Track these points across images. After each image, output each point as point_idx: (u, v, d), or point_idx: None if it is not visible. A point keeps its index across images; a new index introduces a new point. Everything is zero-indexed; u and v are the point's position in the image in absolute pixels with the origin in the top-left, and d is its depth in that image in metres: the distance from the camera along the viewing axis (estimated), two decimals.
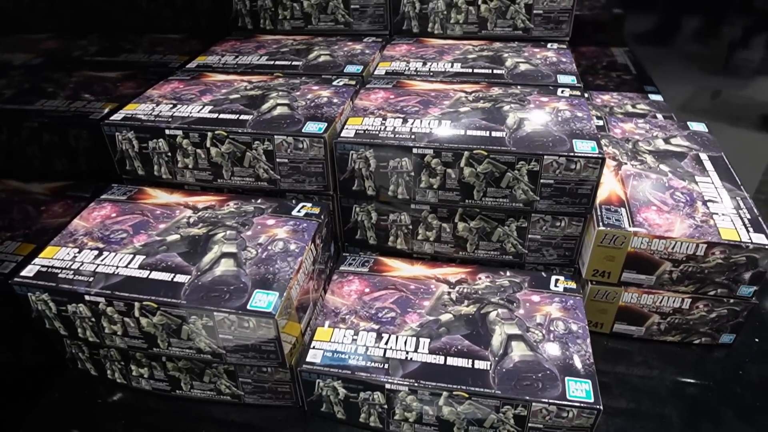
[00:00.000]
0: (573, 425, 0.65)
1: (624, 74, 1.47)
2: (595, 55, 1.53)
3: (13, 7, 0.77)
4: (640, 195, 0.81)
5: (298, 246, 0.73)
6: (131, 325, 0.69)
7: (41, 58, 0.85)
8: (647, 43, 1.44)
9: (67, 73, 0.89)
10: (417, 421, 0.69)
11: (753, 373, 0.79)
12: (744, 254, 0.73)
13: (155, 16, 1.07)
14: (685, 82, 1.42)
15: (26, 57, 0.83)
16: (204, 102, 0.88)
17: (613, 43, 1.50)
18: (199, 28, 1.16)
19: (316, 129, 0.78)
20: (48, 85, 0.85)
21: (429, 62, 1.00)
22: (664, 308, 0.80)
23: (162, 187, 0.86)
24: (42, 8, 0.83)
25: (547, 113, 0.82)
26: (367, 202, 0.83)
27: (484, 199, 0.78)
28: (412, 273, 0.82)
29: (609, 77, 1.46)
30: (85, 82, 0.91)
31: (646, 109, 1.25)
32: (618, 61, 1.52)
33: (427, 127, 0.79)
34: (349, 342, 0.71)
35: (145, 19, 1.05)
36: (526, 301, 0.77)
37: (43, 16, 0.83)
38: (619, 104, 1.28)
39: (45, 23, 0.84)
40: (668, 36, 1.41)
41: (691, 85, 1.41)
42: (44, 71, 0.85)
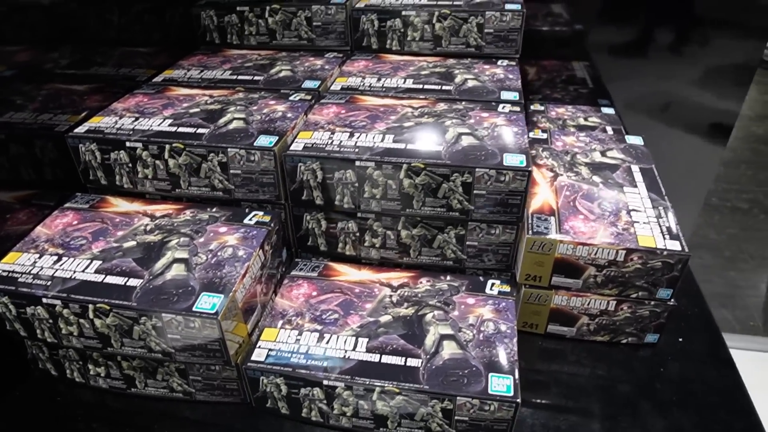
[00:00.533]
0: (495, 417, 0.70)
1: (581, 88, 1.54)
2: (556, 69, 1.59)
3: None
4: (570, 205, 0.87)
5: (246, 252, 0.78)
6: (86, 326, 0.73)
7: (12, 70, 0.90)
8: (605, 57, 1.51)
9: (36, 86, 0.94)
10: (354, 416, 0.74)
11: (673, 370, 0.85)
12: (659, 260, 0.79)
13: (126, 31, 1.12)
14: (638, 95, 1.49)
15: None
16: (165, 115, 0.93)
17: (575, 58, 1.57)
18: (168, 42, 1.21)
19: (267, 143, 0.84)
20: (17, 98, 0.90)
21: (383, 78, 1.06)
22: (591, 310, 0.86)
23: (123, 196, 0.91)
24: (15, 21, 0.88)
25: (484, 128, 0.87)
26: (316, 211, 0.88)
27: (423, 208, 0.83)
28: (358, 277, 0.87)
29: (566, 91, 1.53)
30: (53, 94, 0.96)
31: (596, 122, 1.32)
32: (577, 75, 1.58)
33: (371, 141, 0.84)
34: (292, 342, 0.76)
35: (117, 33, 1.10)
36: (462, 303, 0.82)
37: (17, 29, 0.88)
38: (572, 117, 1.34)
39: (18, 36, 0.89)
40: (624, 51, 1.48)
41: (644, 98, 1.48)
42: (15, 84, 0.90)
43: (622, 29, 1.46)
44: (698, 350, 0.89)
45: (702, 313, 0.96)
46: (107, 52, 1.09)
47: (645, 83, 1.49)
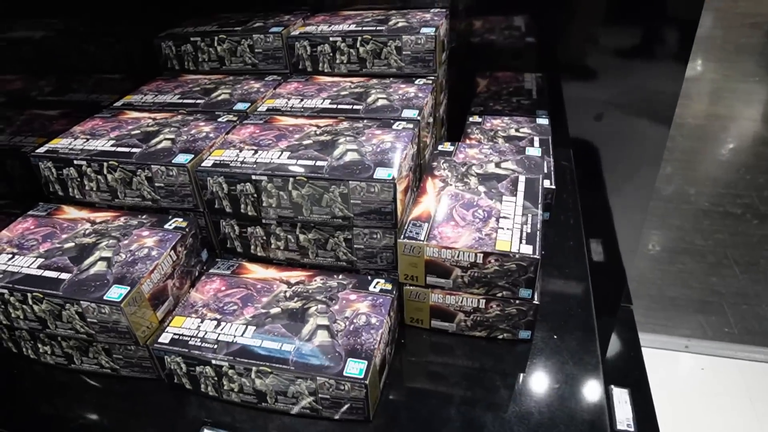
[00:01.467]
0: (351, 396, 0.83)
1: (524, 99, 1.62)
2: (506, 81, 1.68)
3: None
4: (446, 212, 0.98)
5: (158, 252, 0.93)
6: (28, 310, 0.90)
7: (2, 98, 1.08)
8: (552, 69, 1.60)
9: (18, 112, 1.13)
10: (240, 391, 0.88)
11: (539, 365, 0.95)
12: (513, 262, 0.89)
13: (97, 60, 1.30)
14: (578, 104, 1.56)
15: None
16: (111, 137, 1.10)
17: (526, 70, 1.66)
18: (134, 70, 1.39)
19: (184, 160, 0.99)
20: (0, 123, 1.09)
21: (306, 99, 1.19)
22: (465, 307, 0.97)
23: (75, 205, 1.08)
24: (4, 53, 1.07)
25: (371, 144, 0.99)
26: (228, 218, 1.02)
27: (312, 215, 0.96)
28: (263, 275, 1.01)
29: (509, 102, 1.62)
30: (29, 120, 1.15)
31: (526, 132, 1.41)
32: (525, 87, 1.67)
33: (269, 157, 0.98)
34: (194, 328, 0.91)
35: (89, 63, 1.28)
36: (345, 299, 0.95)
37: (4, 61, 1.07)
38: (505, 128, 1.44)
39: (4, 66, 1.08)
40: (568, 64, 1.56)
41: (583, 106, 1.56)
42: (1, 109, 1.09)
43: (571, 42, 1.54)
44: (569, 348, 0.98)
45: (585, 315, 1.04)
46: (82, 80, 1.28)
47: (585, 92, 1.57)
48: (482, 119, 1.49)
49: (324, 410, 0.86)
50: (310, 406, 0.86)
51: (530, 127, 1.44)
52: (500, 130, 1.43)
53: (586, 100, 1.55)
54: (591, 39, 1.49)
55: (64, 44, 1.20)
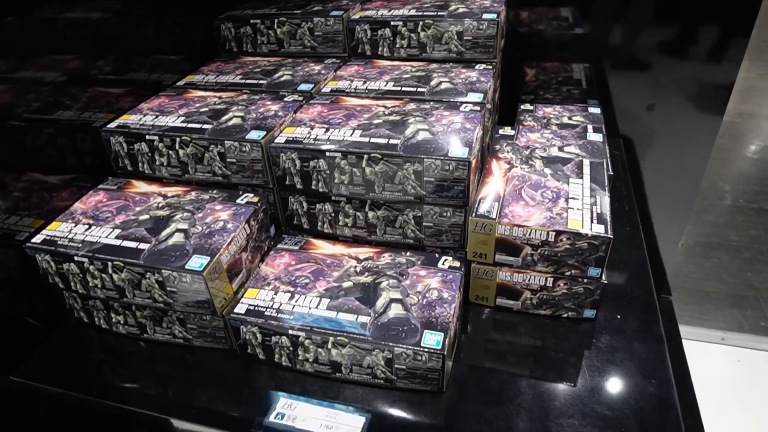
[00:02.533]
0: (427, 367, 0.84)
1: (574, 89, 1.63)
2: (554, 71, 1.69)
3: (46, 35, 1.03)
4: (515, 192, 0.99)
5: (234, 225, 0.95)
6: (106, 279, 0.93)
7: (64, 76, 1.11)
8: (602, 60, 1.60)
9: (82, 89, 1.16)
10: (315, 362, 0.90)
11: (604, 343, 0.96)
12: (585, 241, 0.90)
13: (158, 42, 1.33)
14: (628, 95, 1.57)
15: (53, 75, 1.09)
16: (180, 114, 1.12)
17: (574, 60, 1.67)
18: (192, 51, 1.41)
19: (257, 136, 1.01)
20: (66, 99, 1.12)
21: (368, 81, 1.21)
22: (532, 285, 0.98)
23: (144, 179, 1.11)
24: (67, 35, 1.09)
25: (441, 125, 1.01)
26: (298, 194, 1.04)
27: (383, 192, 0.98)
28: (332, 251, 1.03)
29: (559, 91, 1.62)
30: (95, 96, 1.17)
31: (579, 120, 1.41)
32: (573, 77, 1.68)
33: (342, 135, 1.00)
34: (269, 299, 0.93)
35: (150, 45, 1.31)
36: (415, 274, 0.96)
37: (68, 42, 1.09)
38: (557, 116, 1.44)
39: (68, 47, 1.10)
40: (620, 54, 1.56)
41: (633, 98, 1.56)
42: (65, 87, 1.11)
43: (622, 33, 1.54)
44: (632, 327, 0.99)
45: (646, 296, 1.05)
46: (141, 60, 1.30)
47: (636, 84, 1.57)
48: (534, 107, 1.49)
49: (398, 381, 0.87)
50: (385, 376, 0.88)
51: (582, 115, 1.44)
52: (553, 117, 1.43)
53: (636, 92, 1.55)
54: (642, 31, 1.49)
55: (123, 26, 1.22)
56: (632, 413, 0.84)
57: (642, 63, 1.54)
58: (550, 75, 1.69)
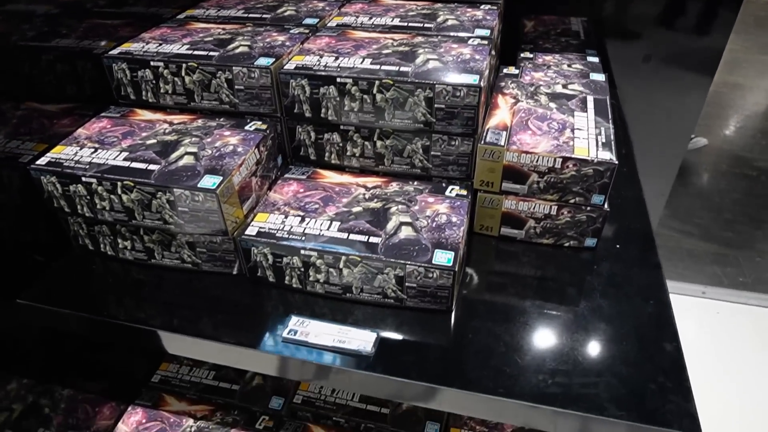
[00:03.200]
0: (438, 285, 0.86)
1: (572, 40, 1.64)
2: (552, 23, 1.70)
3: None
4: (522, 123, 1.00)
5: (244, 149, 0.95)
6: (115, 201, 0.92)
7: (59, 8, 1.08)
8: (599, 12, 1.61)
9: (78, 20, 1.13)
10: (326, 282, 0.91)
11: (604, 269, 0.99)
12: (591, 167, 0.92)
13: None
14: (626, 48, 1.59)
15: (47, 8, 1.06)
16: (184, 43, 1.10)
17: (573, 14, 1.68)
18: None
19: (266, 63, 1.00)
20: (63, 29, 1.09)
21: (374, 17, 1.20)
22: (537, 214, 1.00)
23: (149, 108, 1.09)
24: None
25: (450, 56, 1.01)
26: (306, 123, 1.04)
27: (393, 120, 0.98)
28: (339, 180, 1.04)
29: (558, 42, 1.63)
30: (93, 27, 1.15)
31: (578, 68, 1.43)
32: (572, 29, 1.69)
33: (352, 63, 1.00)
34: (279, 222, 0.94)
35: None
36: (423, 201, 0.98)
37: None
38: (557, 63, 1.45)
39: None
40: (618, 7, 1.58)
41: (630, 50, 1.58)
42: (61, 18, 1.09)
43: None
44: (631, 255, 1.02)
45: (643, 229, 1.08)
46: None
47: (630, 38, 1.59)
48: (533, 55, 1.50)
49: (408, 299, 0.90)
50: (395, 295, 0.90)
51: (581, 63, 1.45)
52: (553, 65, 1.44)
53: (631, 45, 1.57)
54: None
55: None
56: (633, 330, 0.87)
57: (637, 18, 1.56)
58: (548, 27, 1.70)
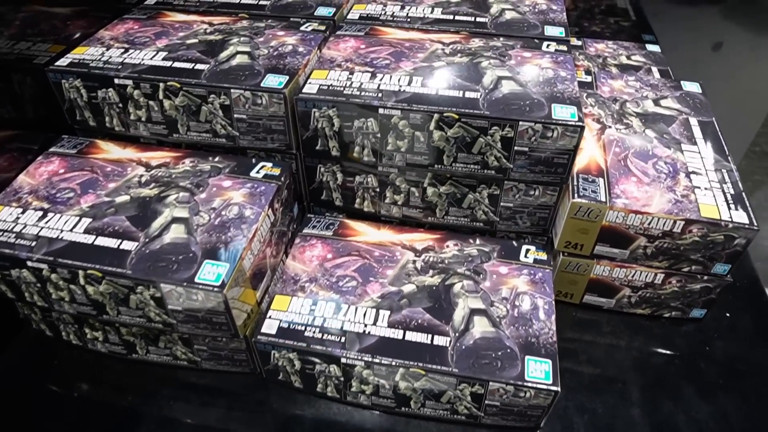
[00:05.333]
0: (530, 404, 0.64)
1: (622, 20, 1.38)
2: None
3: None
4: (620, 164, 0.76)
5: (253, 212, 0.68)
6: (78, 292, 0.66)
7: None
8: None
9: (12, 7, 0.82)
10: (374, 394, 0.68)
11: (719, 349, 0.78)
12: (722, 233, 0.70)
13: None
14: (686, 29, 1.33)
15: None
16: (158, 47, 0.81)
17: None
18: None
19: (277, 83, 0.72)
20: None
21: (407, 6, 0.92)
22: (636, 282, 0.78)
23: (115, 140, 0.81)
24: None
25: (527, 72, 0.75)
26: (332, 163, 0.78)
27: (454, 164, 0.73)
28: (377, 238, 0.79)
29: (606, 23, 1.37)
30: (32, 18, 0.84)
31: (641, 61, 1.18)
32: (617, 5, 1.42)
33: (396, 83, 0.73)
34: (306, 312, 0.69)
35: None
36: (494, 272, 0.74)
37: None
38: (613, 54, 1.20)
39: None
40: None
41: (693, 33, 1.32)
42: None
43: None
44: (746, 327, 0.82)
45: (752, 285, 0.87)
46: None
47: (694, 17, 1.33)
48: (582, 42, 1.24)
49: (485, 417, 0.67)
50: (468, 412, 0.67)
51: (642, 54, 1.21)
52: (608, 56, 1.19)
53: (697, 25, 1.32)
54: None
55: None
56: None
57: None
58: (589, 2, 1.43)
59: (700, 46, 1.32)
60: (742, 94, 1.33)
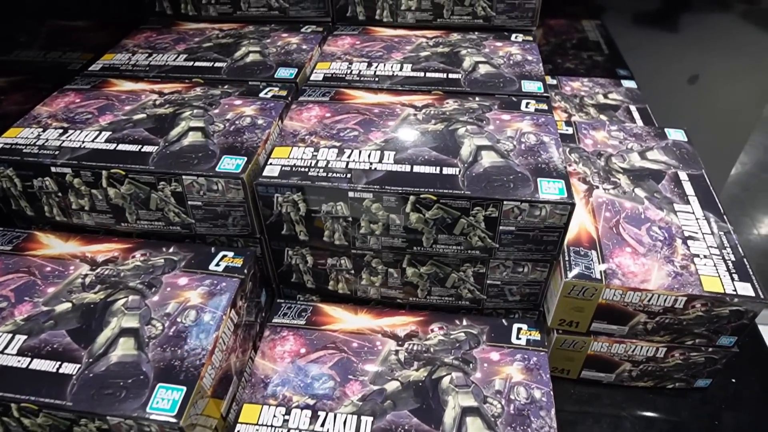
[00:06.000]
0: None
1: (595, 54, 1.34)
2: (564, 31, 1.39)
3: None
4: (612, 231, 0.71)
5: (213, 316, 0.61)
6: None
7: None
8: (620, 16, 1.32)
9: None
10: None
11: (728, 420, 0.73)
12: (727, 307, 0.65)
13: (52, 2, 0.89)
14: (660, 62, 1.30)
15: None
16: (102, 125, 0.73)
17: (584, 16, 1.37)
18: (108, 14, 0.98)
19: (234, 166, 0.65)
20: None
21: (375, 62, 0.86)
22: (636, 357, 0.72)
23: (56, 230, 0.72)
24: None
25: (508, 138, 0.70)
26: (300, 246, 0.71)
27: (435, 246, 0.67)
28: (355, 324, 0.72)
29: (579, 58, 1.34)
30: None
31: (618, 99, 1.14)
32: (589, 38, 1.38)
33: (366, 160, 0.66)
34: (279, 425, 0.61)
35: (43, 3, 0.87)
36: (485, 360, 0.67)
37: None
38: (589, 93, 1.16)
39: None
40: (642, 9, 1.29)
41: (667, 66, 1.30)
42: None
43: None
44: (754, 394, 0.76)
45: (757, 345, 0.83)
46: (31, 29, 0.86)
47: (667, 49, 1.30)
48: (557, 81, 1.20)
49: None
50: None
51: (618, 92, 1.17)
52: (585, 96, 1.15)
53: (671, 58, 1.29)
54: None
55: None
56: None
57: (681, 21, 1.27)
58: (561, 37, 1.39)
59: (675, 79, 1.29)
60: (721, 126, 1.30)
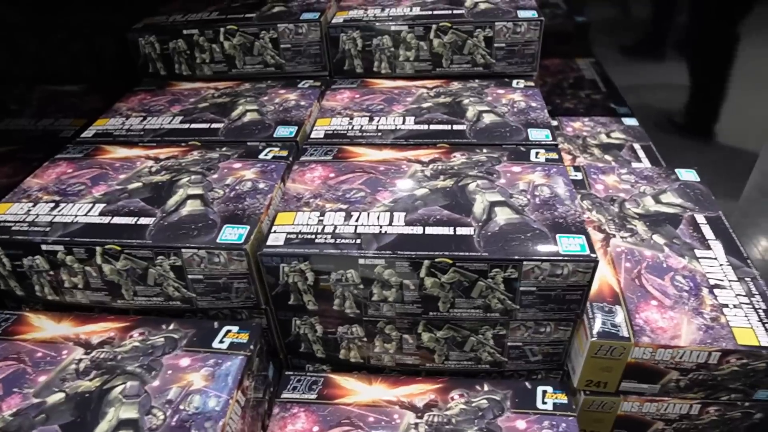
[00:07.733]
0: None
1: (593, 93, 1.34)
2: (560, 70, 1.40)
3: None
4: (635, 283, 0.68)
5: (219, 401, 0.56)
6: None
7: None
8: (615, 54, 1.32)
9: None
10: None
11: None
12: (764, 360, 0.61)
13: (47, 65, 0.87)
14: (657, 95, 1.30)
15: None
16: (95, 197, 0.70)
17: (579, 54, 1.37)
18: (101, 78, 0.96)
19: (236, 237, 0.62)
20: None
21: (376, 116, 0.84)
22: (669, 415, 0.68)
23: (48, 310, 0.68)
24: None
25: (521, 192, 0.67)
26: (309, 315, 0.67)
27: (451, 310, 0.63)
28: (370, 396, 0.67)
29: (578, 97, 1.33)
30: None
31: (621, 138, 1.13)
32: (585, 77, 1.39)
33: (376, 224, 0.63)
34: None
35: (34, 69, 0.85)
36: (510, 427, 0.63)
37: None
38: (591, 133, 1.15)
39: None
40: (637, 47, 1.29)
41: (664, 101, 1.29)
42: None
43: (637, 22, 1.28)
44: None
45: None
46: (21, 95, 0.84)
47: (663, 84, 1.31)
48: (558, 122, 1.19)
49: None
50: None
51: (620, 130, 1.16)
52: (588, 136, 1.14)
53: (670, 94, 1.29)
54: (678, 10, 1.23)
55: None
56: None
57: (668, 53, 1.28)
58: (558, 76, 1.40)
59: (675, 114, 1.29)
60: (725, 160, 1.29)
